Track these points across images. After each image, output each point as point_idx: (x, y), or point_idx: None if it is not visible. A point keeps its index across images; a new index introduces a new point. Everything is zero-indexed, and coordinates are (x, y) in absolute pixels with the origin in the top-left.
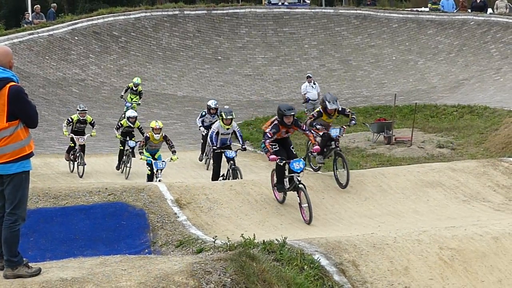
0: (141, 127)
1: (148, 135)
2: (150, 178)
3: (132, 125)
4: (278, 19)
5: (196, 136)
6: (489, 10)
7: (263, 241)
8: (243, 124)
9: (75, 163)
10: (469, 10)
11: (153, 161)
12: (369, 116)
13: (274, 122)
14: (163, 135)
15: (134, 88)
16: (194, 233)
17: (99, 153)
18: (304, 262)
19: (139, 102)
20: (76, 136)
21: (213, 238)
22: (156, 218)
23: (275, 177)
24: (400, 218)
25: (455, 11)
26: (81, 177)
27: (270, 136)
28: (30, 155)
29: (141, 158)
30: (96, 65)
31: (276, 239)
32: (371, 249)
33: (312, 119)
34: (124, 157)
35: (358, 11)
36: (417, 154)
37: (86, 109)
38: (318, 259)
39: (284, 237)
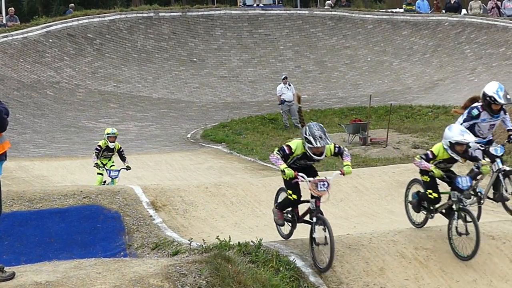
0: None
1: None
2: None
3: None
4: (253, 20)
5: (171, 138)
6: (463, 11)
7: (239, 243)
8: (219, 126)
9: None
10: (443, 11)
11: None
12: (345, 117)
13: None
14: None
15: (111, 146)
16: (170, 235)
17: (74, 156)
18: (279, 264)
19: (127, 165)
20: (313, 179)
21: (189, 240)
22: (131, 220)
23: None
24: (376, 218)
25: (429, 12)
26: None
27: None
28: None
29: None
30: (71, 67)
31: (252, 241)
32: (347, 250)
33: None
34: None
35: (333, 12)
36: (392, 155)
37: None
38: (293, 261)
39: (260, 239)
